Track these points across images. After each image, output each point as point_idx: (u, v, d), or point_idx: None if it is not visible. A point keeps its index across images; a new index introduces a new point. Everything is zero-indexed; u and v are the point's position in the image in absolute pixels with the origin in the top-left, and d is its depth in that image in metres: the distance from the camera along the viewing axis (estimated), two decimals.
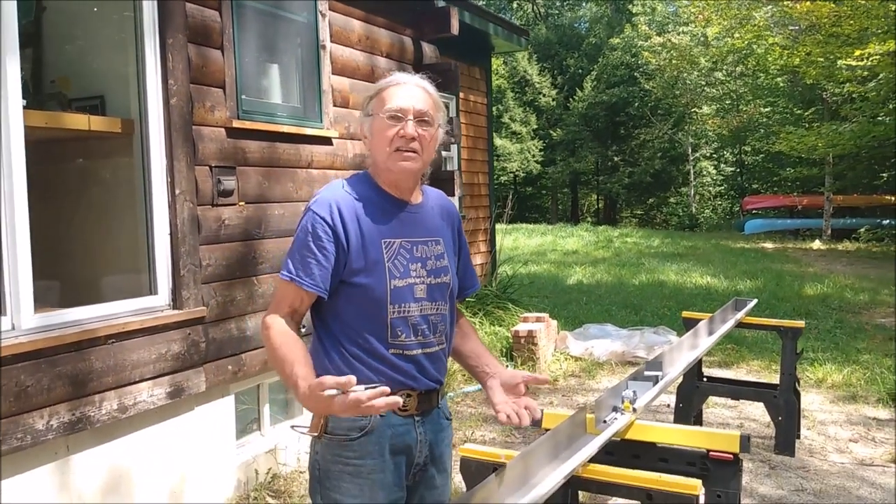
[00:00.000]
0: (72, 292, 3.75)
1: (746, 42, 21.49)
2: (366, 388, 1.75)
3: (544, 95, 37.39)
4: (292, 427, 2.47)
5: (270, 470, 4.42)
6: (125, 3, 3.83)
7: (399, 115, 2.06)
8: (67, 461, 3.34)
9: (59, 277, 3.87)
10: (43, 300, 3.32)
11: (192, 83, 3.93)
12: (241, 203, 4.22)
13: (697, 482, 2.26)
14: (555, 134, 36.59)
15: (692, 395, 5.04)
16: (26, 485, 3.16)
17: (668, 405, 5.58)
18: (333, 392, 1.75)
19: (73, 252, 4.12)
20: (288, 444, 4.57)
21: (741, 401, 5.82)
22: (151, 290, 3.78)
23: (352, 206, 2.08)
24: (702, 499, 2.33)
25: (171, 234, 3.82)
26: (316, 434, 2.09)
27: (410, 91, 2.11)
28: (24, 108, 3.18)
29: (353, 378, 1.75)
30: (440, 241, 2.20)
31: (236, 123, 4.20)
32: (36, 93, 3.89)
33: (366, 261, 2.05)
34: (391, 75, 2.19)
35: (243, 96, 4.33)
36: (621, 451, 2.75)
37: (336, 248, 2.04)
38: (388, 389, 1.77)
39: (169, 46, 3.78)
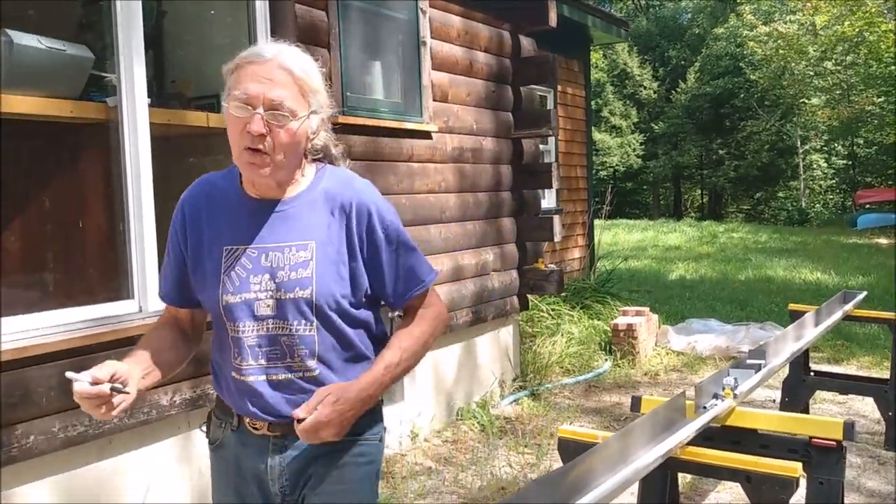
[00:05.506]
0: None
1: (857, 30, 20.54)
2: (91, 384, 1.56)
3: (645, 88, 36.72)
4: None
5: None
6: (239, 6, 4.05)
7: (246, 104, 1.64)
8: (188, 436, 3.58)
9: None
10: None
11: None
12: None
13: (798, 465, 2.26)
14: (656, 127, 35.90)
15: (798, 389, 4.93)
16: (152, 455, 3.41)
17: (774, 400, 5.46)
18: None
19: None
20: None
21: (850, 396, 5.64)
22: None
23: (199, 207, 1.82)
24: (802, 483, 2.32)
25: None
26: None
27: (266, 71, 1.65)
28: (149, 106, 3.42)
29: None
30: (309, 245, 1.74)
31: (342, 119, 4.37)
32: (158, 92, 4.15)
33: (201, 272, 1.79)
34: (255, 46, 1.75)
35: (348, 93, 4.50)
36: (721, 437, 2.76)
37: (181, 252, 1.83)
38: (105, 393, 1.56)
39: None
